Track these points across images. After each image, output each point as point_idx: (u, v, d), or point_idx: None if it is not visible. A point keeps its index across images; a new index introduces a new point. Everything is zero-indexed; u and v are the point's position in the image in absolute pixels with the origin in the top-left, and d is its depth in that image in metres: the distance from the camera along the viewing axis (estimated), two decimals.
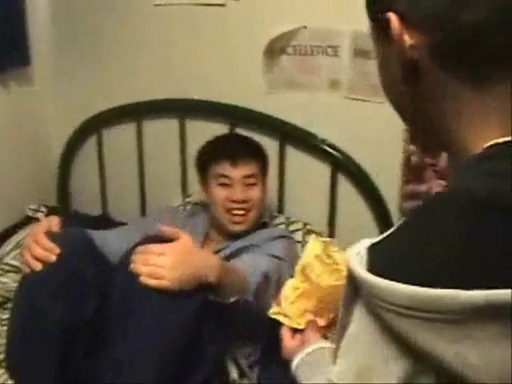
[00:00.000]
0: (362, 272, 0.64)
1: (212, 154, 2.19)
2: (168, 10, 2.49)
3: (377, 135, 2.26)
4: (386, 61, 0.82)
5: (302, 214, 2.43)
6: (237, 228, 2.12)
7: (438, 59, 0.74)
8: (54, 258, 1.57)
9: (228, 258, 1.95)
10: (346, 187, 2.40)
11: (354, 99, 2.28)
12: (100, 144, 2.80)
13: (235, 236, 2.14)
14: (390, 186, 2.27)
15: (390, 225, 2.23)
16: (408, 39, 0.74)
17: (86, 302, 1.58)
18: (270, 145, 2.36)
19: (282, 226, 2.35)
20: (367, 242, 0.68)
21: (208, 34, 2.46)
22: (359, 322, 0.66)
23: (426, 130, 0.82)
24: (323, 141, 2.36)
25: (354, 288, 0.67)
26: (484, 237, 0.60)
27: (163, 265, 1.51)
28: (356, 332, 0.67)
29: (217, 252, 2.05)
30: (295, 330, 1.24)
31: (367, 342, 0.65)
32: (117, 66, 2.67)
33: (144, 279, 1.50)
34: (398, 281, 0.60)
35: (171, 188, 2.69)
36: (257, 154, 2.20)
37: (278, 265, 1.93)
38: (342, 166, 2.37)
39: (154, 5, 2.49)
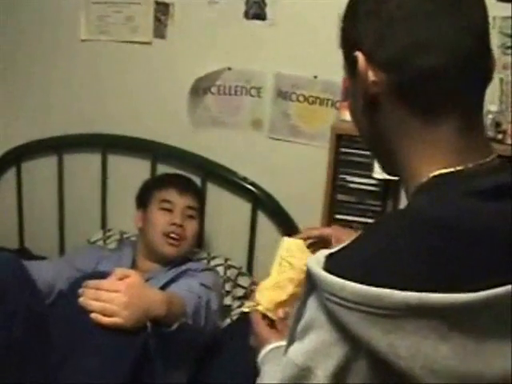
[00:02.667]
0: (318, 270, 0.74)
1: (161, 181, 2.31)
2: (94, 46, 2.52)
3: (297, 174, 2.36)
4: (353, 91, 0.92)
5: (223, 250, 2.48)
6: (170, 250, 2.16)
7: (395, 96, 0.84)
8: None
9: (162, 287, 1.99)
10: (265, 224, 2.47)
11: (275, 139, 2.37)
12: (19, 177, 2.77)
13: (164, 263, 2.17)
14: (308, 224, 2.33)
15: None
16: (371, 76, 0.85)
17: (15, 320, 1.56)
18: None
19: (204, 261, 2.38)
20: (326, 251, 0.78)
21: (134, 71, 2.51)
22: (312, 313, 0.76)
23: (382, 154, 0.94)
24: (244, 178, 2.43)
25: (311, 286, 0.77)
26: (418, 248, 0.71)
27: (117, 302, 1.50)
28: (309, 320, 0.77)
29: (146, 281, 2.06)
30: (264, 318, 1.30)
31: (317, 329, 0.75)
32: (39, 99, 2.67)
33: (96, 316, 1.50)
34: (347, 279, 0.71)
35: (91, 222, 2.68)
36: (199, 193, 2.34)
37: (206, 293, 1.98)
38: (262, 203, 2.44)
39: (81, 40, 2.53)
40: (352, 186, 2.11)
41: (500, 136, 1.93)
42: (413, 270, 0.69)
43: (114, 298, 1.51)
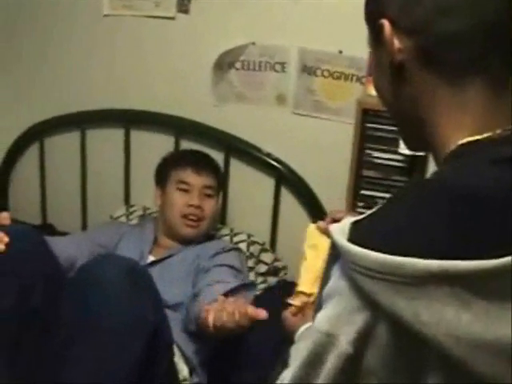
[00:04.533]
0: (342, 240, 0.75)
1: (177, 160, 2.29)
2: (117, 21, 2.51)
3: (321, 150, 2.34)
4: (378, 62, 0.92)
5: (245, 226, 2.48)
6: (189, 231, 2.16)
7: (421, 62, 0.84)
8: (2, 246, 1.55)
9: (180, 262, 2.05)
10: (289, 200, 2.46)
11: (300, 114, 2.35)
12: (42, 152, 2.78)
13: (185, 242, 2.18)
14: (332, 200, 2.34)
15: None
16: (397, 43, 0.85)
17: (35, 291, 1.57)
18: (214, 157, 2.39)
19: (227, 238, 2.39)
20: (352, 219, 0.79)
21: (157, 46, 2.50)
22: (335, 280, 0.78)
23: (409, 125, 0.93)
24: (268, 154, 2.42)
25: (335, 254, 0.78)
26: (441, 217, 0.71)
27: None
28: (333, 287, 0.78)
29: (168, 257, 2.11)
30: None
31: (338, 296, 0.76)
32: (62, 75, 2.67)
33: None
34: (371, 249, 0.71)
35: (114, 198, 2.69)
36: (217, 170, 2.31)
37: (235, 276, 2.00)
38: (286, 179, 2.43)
39: (104, 15, 2.52)
40: (378, 161, 2.10)
41: None
42: (436, 238, 0.70)
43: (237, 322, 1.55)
